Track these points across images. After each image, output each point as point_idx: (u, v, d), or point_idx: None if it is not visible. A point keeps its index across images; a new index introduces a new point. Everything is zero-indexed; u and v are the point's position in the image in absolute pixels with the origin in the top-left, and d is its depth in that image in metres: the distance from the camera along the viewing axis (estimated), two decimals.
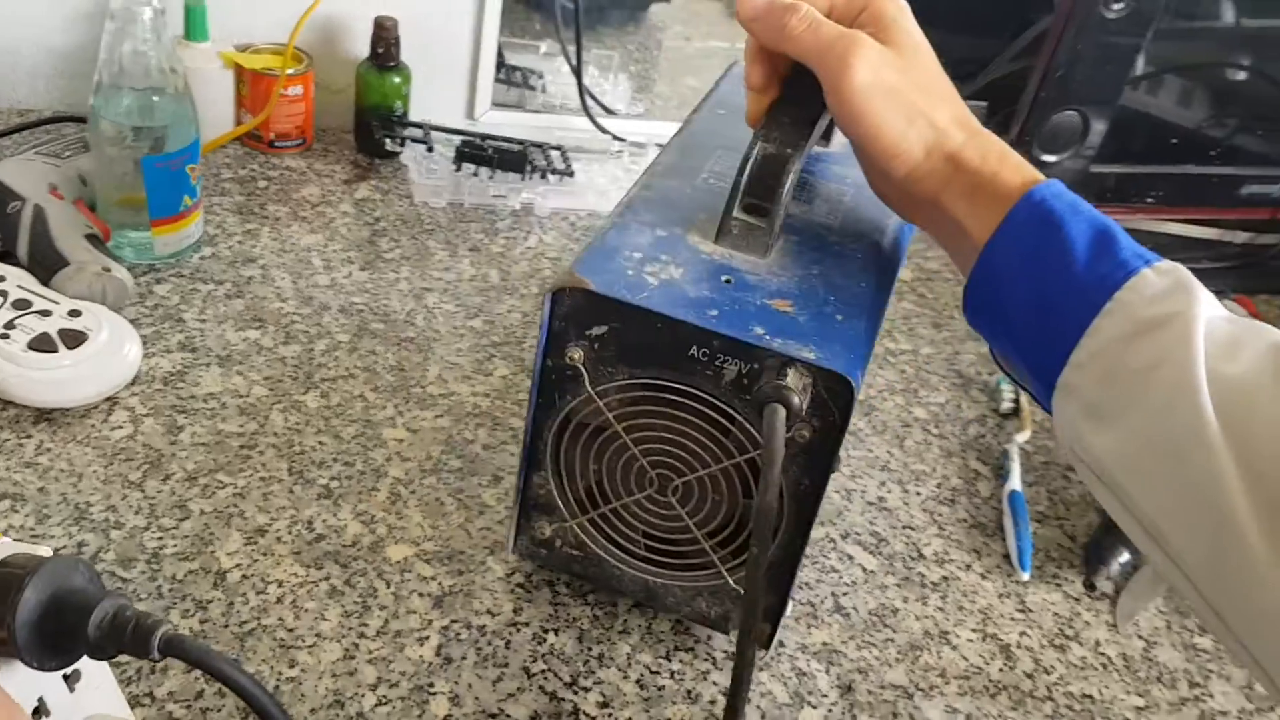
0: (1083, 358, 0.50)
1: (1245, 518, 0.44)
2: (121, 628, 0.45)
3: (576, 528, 0.65)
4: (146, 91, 0.82)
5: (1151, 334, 0.48)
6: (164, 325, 0.82)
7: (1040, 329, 0.52)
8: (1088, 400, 0.51)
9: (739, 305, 0.57)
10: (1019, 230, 0.53)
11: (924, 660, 0.69)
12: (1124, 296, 0.49)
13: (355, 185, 1.04)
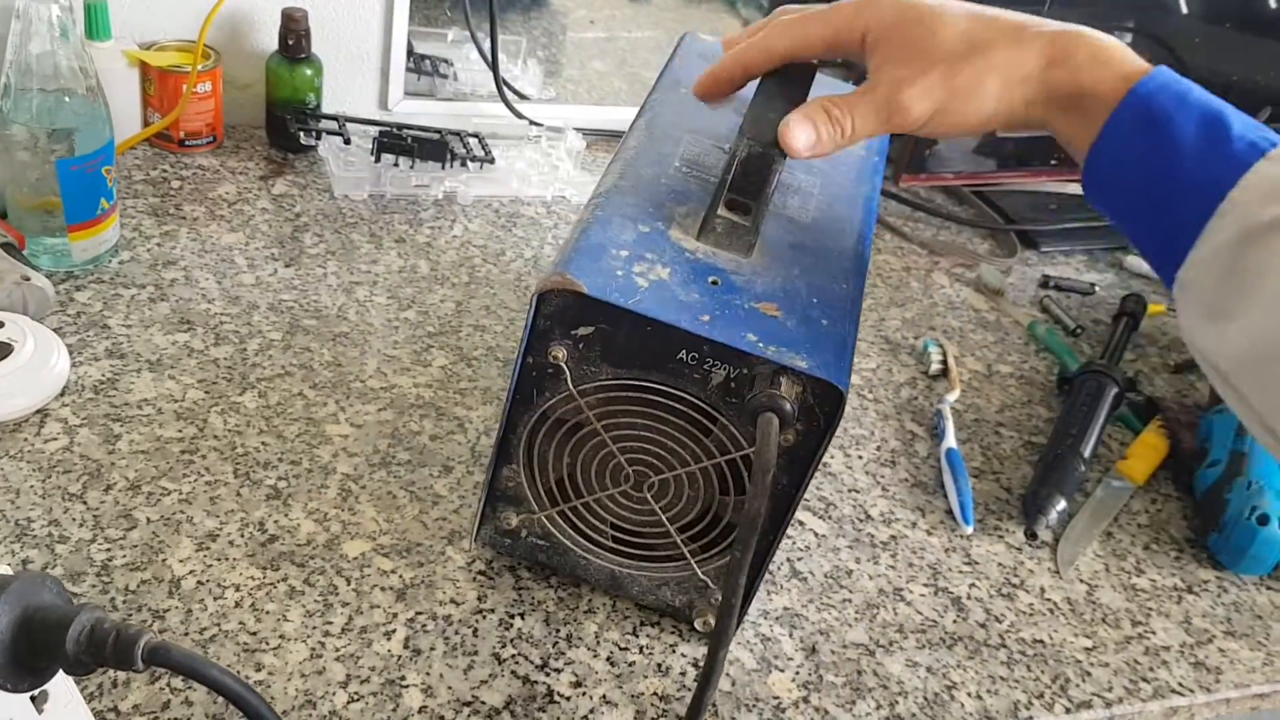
0: (1198, 258, 0.49)
1: None
2: (102, 640, 0.44)
3: (545, 519, 0.65)
4: (57, 93, 0.79)
5: (1265, 237, 0.47)
6: (89, 333, 0.80)
7: (1156, 227, 0.51)
8: (1204, 299, 0.50)
9: (728, 309, 0.57)
10: (1125, 132, 0.51)
11: (881, 617, 0.71)
12: (1237, 195, 0.48)
13: (272, 181, 1.02)
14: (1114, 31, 1.24)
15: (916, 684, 0.67)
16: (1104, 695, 0.69)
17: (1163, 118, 0.50)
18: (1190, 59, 1.22)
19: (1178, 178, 0.50)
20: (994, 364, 0.98)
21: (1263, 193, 0.48)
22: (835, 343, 0.57)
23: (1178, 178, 0.50)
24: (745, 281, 0.60)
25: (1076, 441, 0.85)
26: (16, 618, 0.44)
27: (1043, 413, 0.93)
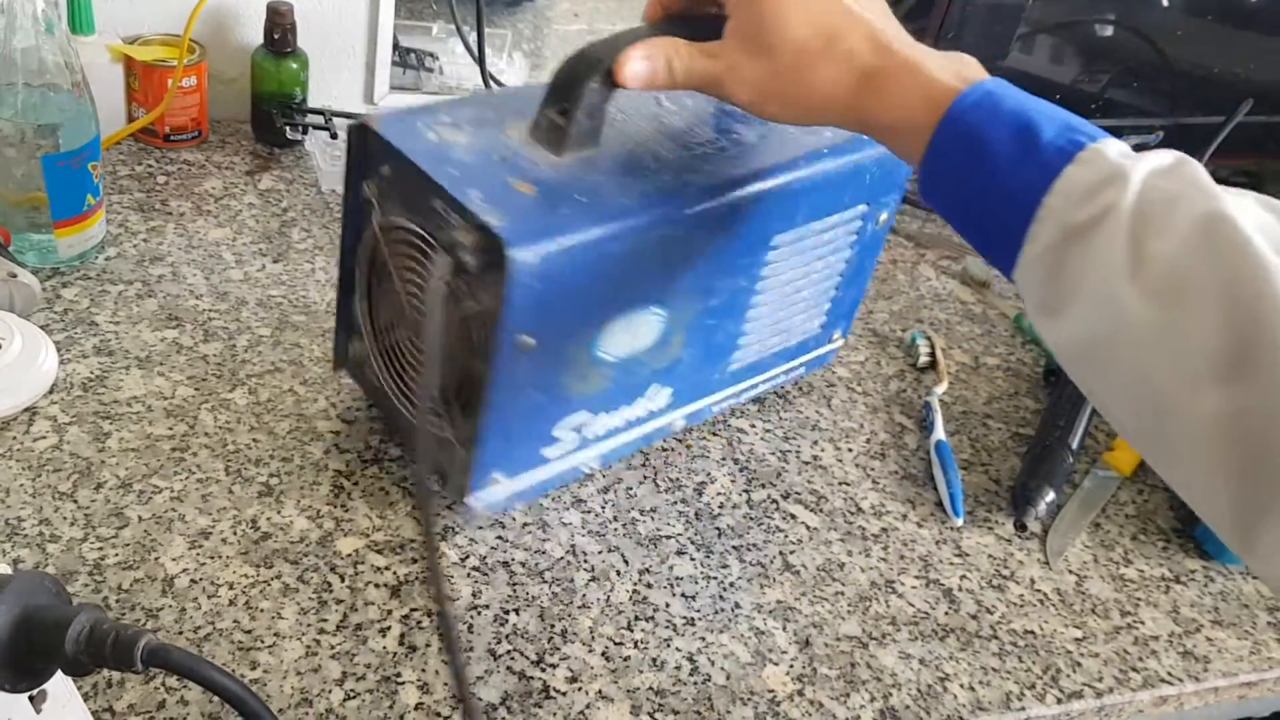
0: (1025, 262, 0.52)
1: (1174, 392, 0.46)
2: (101, 641, 0.44)
3: (374, 354, 0.71)
4: (42, 88, 0.78)
5: (1081, 239, 0.49)
6: (76, 330, 0.79)
7: (987, 236, 0.54)
8: (1037, 298, 0.52)
9: (487, 176, 0.60)
10: (943, 153, 0.54)
11: (874, 610, 0.72)
12: (1050, 203, 0.50)
13: (258, 176, 1.01)
14: (1095, 25, 1.25)
15: (910, 676, 0.68)
16: (1094, 685, 0.70)
17: (976, 135, 0.52)
18: (1172, 51, 1.23)
19: (996, 191, 0.52)
20: (981, 356, 0.99)
21: (1074, 197, 0.50)
22: (561, 228, 0.58)
23: (996, 191, 0.52)
24: (529, 166, 0.62)
25: (1064, 433, 0.85)
26: (15, 618, 0.43)
27: (1030, 404, 0.94)
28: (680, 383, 0.75)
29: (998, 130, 0.52)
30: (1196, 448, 0.46)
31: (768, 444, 0.83)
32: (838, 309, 0.84)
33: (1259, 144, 1.29)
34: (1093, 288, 0.49)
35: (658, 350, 0.70)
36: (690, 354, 0.73)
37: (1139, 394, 0.48)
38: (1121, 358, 0.48)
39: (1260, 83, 1.25)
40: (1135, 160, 0.50)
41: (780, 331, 0.80)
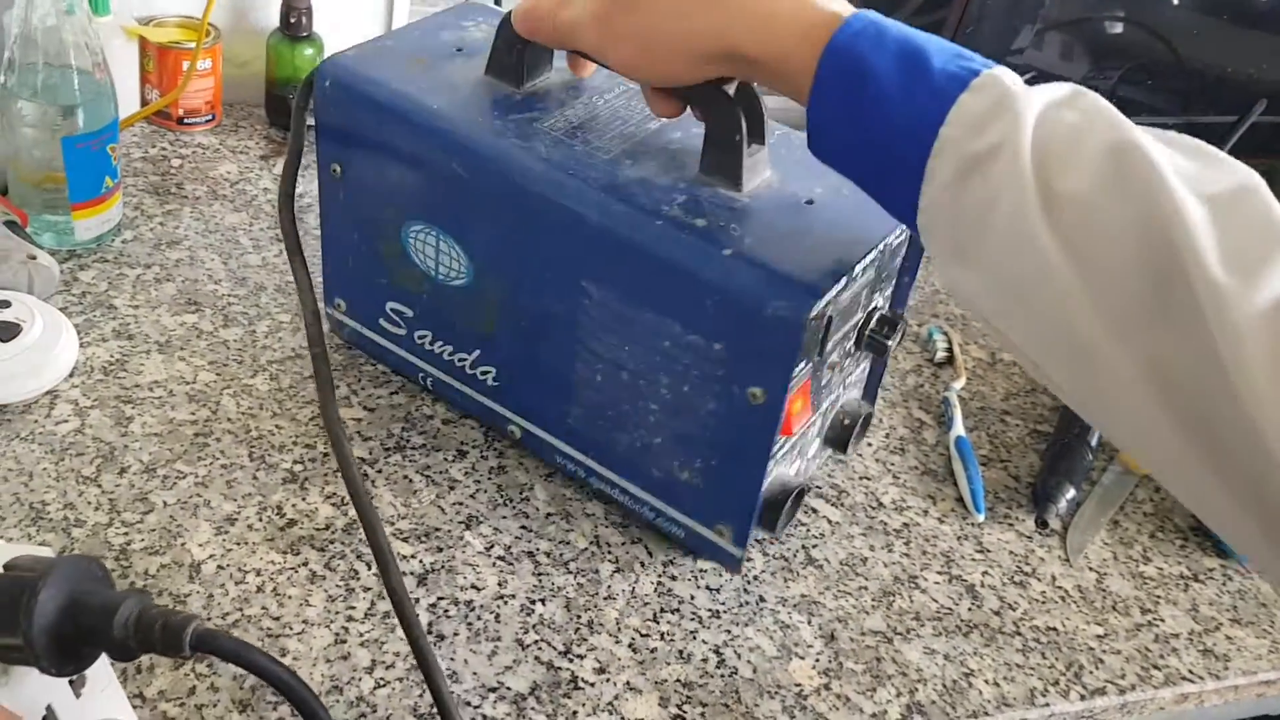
0: (928, 202, 0.49)
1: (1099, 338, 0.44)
2: (150, 626, 0.44)
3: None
4: (62, 68, 0.77)
5: (981, 169, 0.46)
6: (95, 313, 0.79)
7: (884, 178, 0.51)
8: (944, 243, 0.49)
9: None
10: (828, 93, 0.50)
11: (898, 605, 0.72)
12: (947, 133, 0.47)
13: (273, 161, 1.01)
14: (1108, 22, 1.25)
15: (935, 671, 0.68)
16: (1117, 683, 0.70)
17: (861, 65, 0.49)
18: (1186, 50, 1.23)
19: (887, 127, 0.48)
20: (998, 351, 0.99)
21: (969, 125, 0.47)
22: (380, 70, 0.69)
23: (887, 127, 0.48)
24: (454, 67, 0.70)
25: (1084, 430, 0.85)
26: (63, 602, 0.43)
27: (1047, 400, 0.94)
28: (505, 376, 0.72)
29: (883, 59, 0.48)
30: (1130, 398, 0.44)
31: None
32: (715, 486, 0.66)
33: (1269, 145, 1.29)
34: (1002, 225, 0.46)
35: (469, 302, 0.70)
36: (510, 345, 0.70)
37: (1065, 344, 0.45)
38: (1043, 303, 0.45)
39: (1273, 83, 1.25)
40: (1034, 90, 0.47)
41: (623, 428, 0.68)
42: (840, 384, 0.71)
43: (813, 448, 0.73)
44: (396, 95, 0.67)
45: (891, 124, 0.48)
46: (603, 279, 0.63)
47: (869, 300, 0.67)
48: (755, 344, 0.59)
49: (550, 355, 0.68)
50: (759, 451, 0.62)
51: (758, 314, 0.58)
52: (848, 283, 0.60)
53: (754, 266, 0.58)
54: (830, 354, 0.65)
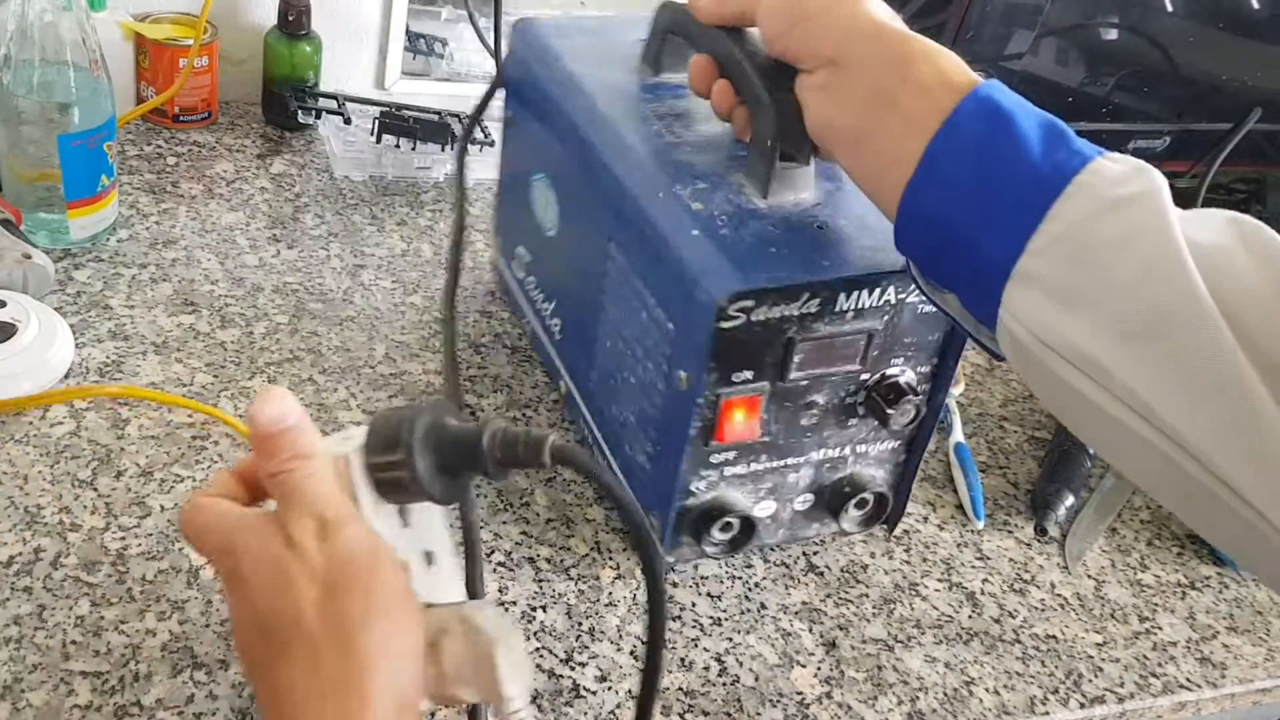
0: (1042, 243, 0.48)
1: (1252, 381, 0.44)
2: (513, 443, 0.47)
3: None
4: (59, 65, 0.77)
5: (1119, 211, 0.47)
6: (90, 313, 0.78)
7: (992, 222, 0.50)
8: (1053, 285, 0.48)
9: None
10: (966, 127, 0.51)
11: (899, 613, 0.71)
12: (1084, 179, 0.48)
13: (269, 160, 1.00)
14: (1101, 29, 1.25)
15: (936, 679, 0.67)
16: (1116, 691, 0.70)
17: (1006, 114, 0.50)
18: (1181, 58, 1.23)
19: (1020, 169, 0.49)
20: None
21: (1110, 178, 0.48)
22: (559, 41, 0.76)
23: (1020, 169, 0.49)
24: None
25: None
26: (436, 427, 0.48)
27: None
28: (566, 330, 0.77)
29: (1026, 118, 0.50)
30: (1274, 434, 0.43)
31: None
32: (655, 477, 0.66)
33: (1263, 153, 1.30)
34: (1139, 259, 0.46)
35: (554, 253, 0.77)
36: (569, 300, 0.76)
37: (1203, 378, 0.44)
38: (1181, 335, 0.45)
39: (1267, 91, 1.25)
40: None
41: (615, 399, 0.70)
42: (844, 445, 0.68)
43: (801, 499, 0.70)
44: (553, 58, 0.73)
45: (1025, 168, 0.49)
46: (619, 243, 0.66)
47: (880, 360, 0.65)
48: (688, 327, 0.60)
49: (587, 315, 0.72)
50: (680, 441, 0.62)
51: (691, 295, 0.59)
52: (820, 309, 0.59)
53: (706, 251, 0.59)
54: (809, 392, 0.64)
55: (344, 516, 0.46)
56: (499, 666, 0.47)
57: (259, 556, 0.46)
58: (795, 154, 0.62)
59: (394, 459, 0.47)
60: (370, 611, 0.44)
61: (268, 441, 0.47)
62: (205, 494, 0.50)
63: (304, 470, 0.47)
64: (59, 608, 0.59)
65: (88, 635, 0.58)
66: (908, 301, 0.62)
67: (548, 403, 0.80)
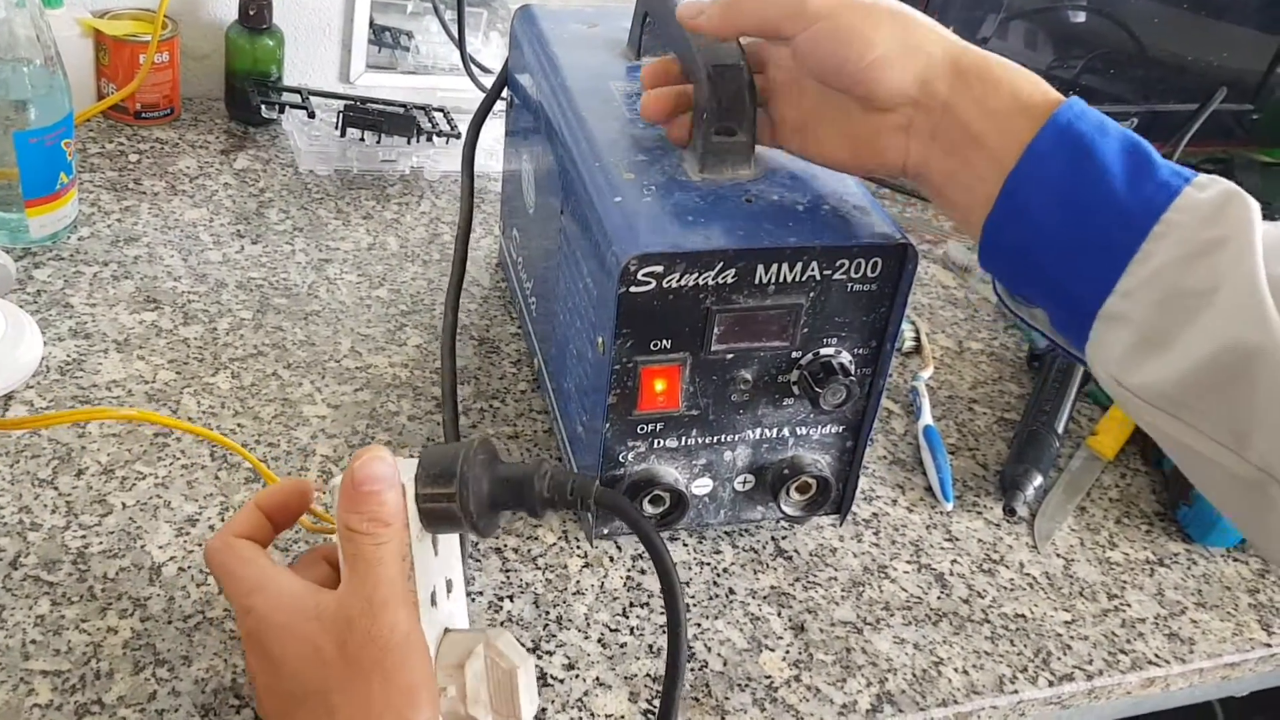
0: (1132, 285, 0.48)
1: None
2: (563, 485, 0.50)
3: None
4: (13, 62, 0.76)
5: (1209, 256, 0.46)
6: (51, 312, 0.77)
7: (1078, 261, 0.50)
8: (1140, 328, 0.48)
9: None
10: (1046, 160, 0.50)
11: (867, 595, 0.71)
12: (1172, 218, 0.47)
13: (233, 155, 0.99)
14: (1069, 11, 1.26)
15: (905, 660, 0.68)
16: (1085, 668, 0.70)
17: (1087, 144, 0.49)
18: (1147, 39, 1.23)
19: (1107, 205, 0.48)
20: (964, 340, 0.99)
21: (1200, 216, 0.47)
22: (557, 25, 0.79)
23: (1107, 205, 0.48)
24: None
25: (1050, 418, 0.86)
26: (492, 472, 0.50)
27: (1014, 389, 0.94)
28: (539, 298, 0.78)
29: (1108, 145, 0.49)
30: None
31: None
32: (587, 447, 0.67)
33: (1229, 132, 1.30)
34: (1228, 302, 0.46)
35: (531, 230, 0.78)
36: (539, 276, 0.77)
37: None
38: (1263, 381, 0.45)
39: (1232, 71, 1.26)
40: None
41: (566, 371, 0.71)
42: (782, 426, 0.68)
43: (741, 480, 0.69)
44: (542, 43, 0.75)
45: (1111, 204, 0.48)
46: (568, 212, 0.67)
47: (810, 339, 0.64)
48: (603, 292, 0.61)
49: (548, 289, 0.73)
50: (598, 407, 0.63)
51: (604, 260, 0.60)
52: (736, 280, 0.59)
53: (618, 216, 0.60)
54: (735, 367, 0.64)
55: (391, 600, 0.48)
56: (519, 689, 0.50)
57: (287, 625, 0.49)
58: (735, 128, 0.62)
59: (447, 491, 0.49)
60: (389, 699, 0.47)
61: (357, 496, 0.49)
62: (233, 531, 0.52)
63: (376, 539, 0.48)
64: (19, 607, 0.58)
65: (48, 634, 0.57)
66: (834, 279, 0.62)
67: (515, 393, 0.80)
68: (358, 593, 0.48)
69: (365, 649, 0.47)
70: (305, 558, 0.56)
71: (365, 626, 0.47)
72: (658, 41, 0.73)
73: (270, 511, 0.54)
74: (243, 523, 0.53)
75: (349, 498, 0.49)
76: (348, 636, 0.47)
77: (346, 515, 0.49)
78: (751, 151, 0.63)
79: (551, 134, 0.70)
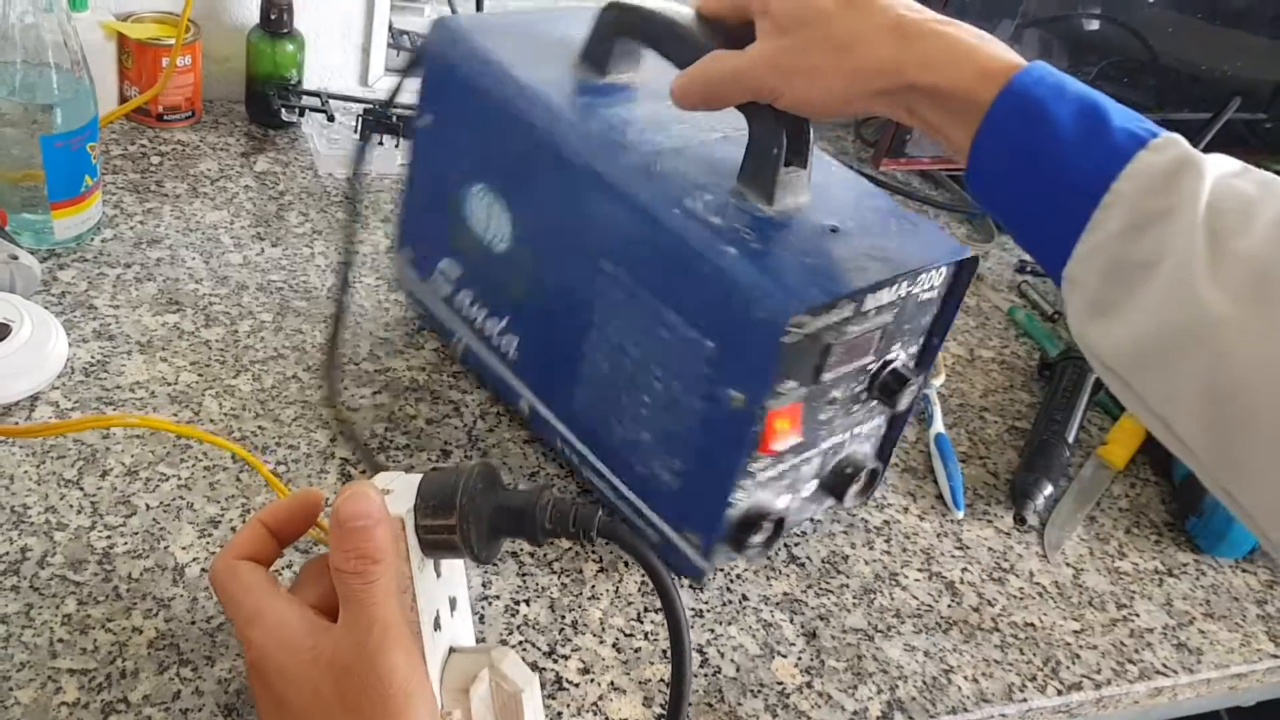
0: (1084, 251, 0.49)
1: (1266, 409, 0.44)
2: (565, 515, 0.50)
3: None
4: (40, 66, 0.77)
5: (1153, 227, 0.47)
6: (75, 314, 0.78)
7: (1041, 224, 0.51)
8: (1090, 294, 0.50)
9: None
10: (1001, 129, 0.51)
11: (879, 602, 0.72)
12: (1120, 187, 0.48)
13: (253, 158, 1.00)
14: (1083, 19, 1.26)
15: (915, 668, 0.68)
16: (1093, 677, 0.71)
17: (1039, 110, 0.49)
18: (1160, 47, 1.24)
19: (1060, 171, 0.49)
20: (976, 349, 1.00)
21: (1147, 183, 0.47)
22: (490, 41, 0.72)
23: (1060, 171, 0.49)
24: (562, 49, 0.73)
25: (1061, 427, 0.86)
26: (493, 501, 0.49)
27: (1025, 397, 0.95)
28: (525, 349, 0.74)
29: (1063, 108, 0.49)
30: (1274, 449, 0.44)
31: None
32: (689, 490, 0.66)
33: (1243, 140, 1.31)
34: (1165, 279, 0.46)
35: (505, 269, 0.73)
36: (532, 318, 0.73)
37: (1214, 398, 0.46)
38: (1197, 357, 0.46)
39: (1246, 80, 1.26)
40: (1206, 157, 0.48)
41: (618, 419, 0.69)
42: (847, 430, 0.70)
43: (808, 487, 0.71)
44: (491, 61, 0.70)
45: (1063, 171, 0.49)
46: (619, 259, 0.65)
47: (885, 348, 0.66)
48: (740, 346, 0.60)
49: (565, 333, 0.70)
50: (732, 459, 0.63)
51: (745, 315, 0.58)
52: (853, 313, 0.61)
53: (752, 269, 0.59)
54: (832, 388, 0.65)
55: (386, 643, 0.47)
56: (525, 713, 0.50)
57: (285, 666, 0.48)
58: (796, 159, 0.63)
59: (447, 523, 0.49)
60: None
61: (343, 534, 0.48)
62: (236, 552, 0.52)
63: (365, 578, 0.47)
64: (46, 606, 0.59)
65: (75, 633, 0.58)
66: (914, 292, 0.65)
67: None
68: (352, 637, 0.47)
69: (364, 695, 0.46)
70: (307, 570, 0.54)
71: (362, 674, 0.46)
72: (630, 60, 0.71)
73: (276, 527, 0.54)
74: (246, 543, 0.52)
75: (336, 537, 0.48)
76: (346, 684, 0.46)
77: (334, 555, 0.48)
78: (808, 178, 0.65)
79: (562, 170, 0.66)
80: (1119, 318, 0.49)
